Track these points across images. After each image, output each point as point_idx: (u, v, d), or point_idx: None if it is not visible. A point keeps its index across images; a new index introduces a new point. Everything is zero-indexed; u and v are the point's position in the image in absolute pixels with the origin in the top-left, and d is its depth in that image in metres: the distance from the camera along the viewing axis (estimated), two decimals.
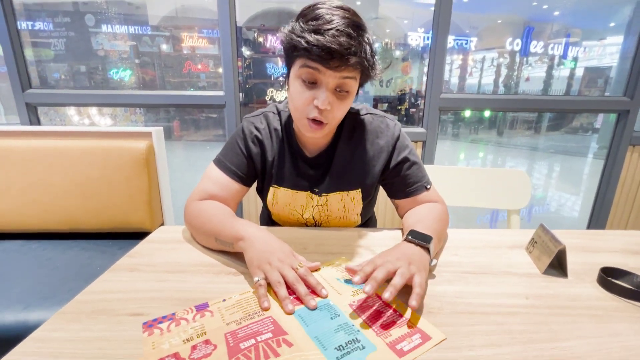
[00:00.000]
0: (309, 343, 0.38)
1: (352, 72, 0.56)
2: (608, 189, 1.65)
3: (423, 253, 0.51)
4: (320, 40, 0.52)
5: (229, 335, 0.40)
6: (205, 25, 2.79)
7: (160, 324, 0.41)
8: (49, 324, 0.41)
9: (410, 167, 0.70)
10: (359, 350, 0.38)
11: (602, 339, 0.40)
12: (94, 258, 1.02)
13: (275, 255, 0.51)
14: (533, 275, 0.55)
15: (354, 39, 0.53)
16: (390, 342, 0.39)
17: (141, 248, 0.62)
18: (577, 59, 3.29)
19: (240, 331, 0.40)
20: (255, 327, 0.41)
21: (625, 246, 0.66)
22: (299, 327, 0.41)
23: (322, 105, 0.56)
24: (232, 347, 0.38)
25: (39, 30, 2.12)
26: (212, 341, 0.39)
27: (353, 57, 0.54)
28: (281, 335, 0.40)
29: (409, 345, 0.39)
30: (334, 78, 0.56)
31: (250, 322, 0.42)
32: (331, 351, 0.37)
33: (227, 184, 0.68)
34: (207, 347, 0.38)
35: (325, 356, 0.37)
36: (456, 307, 0.46)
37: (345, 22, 0.53)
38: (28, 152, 1.08)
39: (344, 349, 0.38)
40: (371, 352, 0.38)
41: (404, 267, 0.45)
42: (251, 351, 0.37)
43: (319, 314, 0.44)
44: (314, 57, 0.53)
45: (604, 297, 0.49)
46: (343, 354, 0.37)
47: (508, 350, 0.38)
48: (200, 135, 3.91)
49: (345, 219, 0.75)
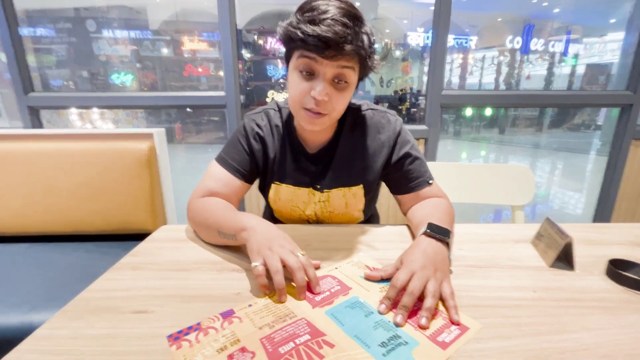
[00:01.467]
0: (350, 342, 0.37)
1: (349, 62, 0.56)
2: (612, 184, 1.64)
3: (444, 250, 0.50)
4: (315, 30, 0.52)
5: (264, 340, 0.37)
6: (205, 29, 2.80)
7: (187, 336, 0.38)
8: (51, 322, 0.41)
9: (413, 162, 0.69)
10: (402, 345, 0.37)
11: (612, 331, 0.40)
12: (98, 260, 1.02)
13: (277, 241, 0.49)
14: (540, 269, 0.54)
15: (350, 28, 0.53)
16: (431, 335, 0.39)
17: (143, 247, 0.61)
18: (578, 56, 3.27)
19: (275, 335, 0.38)
20: (290, 329, 0.39)
21: (633, 238, 0.65)
22: (335, 327, 0.40)
23: (319, 96, 0.56)
24: (271, 352, 0.35)
25: (40, 36, 2.14)
26: (248, 348, 0.36)
27: (349, 46, 0.53)
28: (320, 336, 0.38)
29: (449, 336, 0.38)
30: (331, 68, 0.56)
31: (283, 325, 0.40)
32: (375, 348, 0.36)
33: (229, 181, 0.68)
34: (244, 355, 0.35)
35: (371, 354, 0.35)
36: (463, 301, 0.45)
37: (341, 12, 0.53)
38: (31, 155, 1.08)
39: (387, 345, 0.36)
40: (415, 346, 0.37)
41: (432, 282, 0.44)
42: (293, 355, 0.35)
43: (352, 312, 0.42)
44: (310, 47, 0.53)
45: (613, 289, 0.49)
46: (388, 350, 0.36)
47: (516, 342, 0.38)
48: (201, 138, 3.92)
49: (347, 215, 0.74)
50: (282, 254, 0.47)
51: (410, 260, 0.47)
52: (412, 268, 0.45)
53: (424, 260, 0.47)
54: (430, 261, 0.47)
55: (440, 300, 0.44)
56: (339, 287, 0.48)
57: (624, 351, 0.36)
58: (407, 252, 0.50)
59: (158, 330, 0.39)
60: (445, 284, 0.45)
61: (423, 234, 0.52)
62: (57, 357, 0.36)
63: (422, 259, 0.47)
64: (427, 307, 0.41)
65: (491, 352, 0.36)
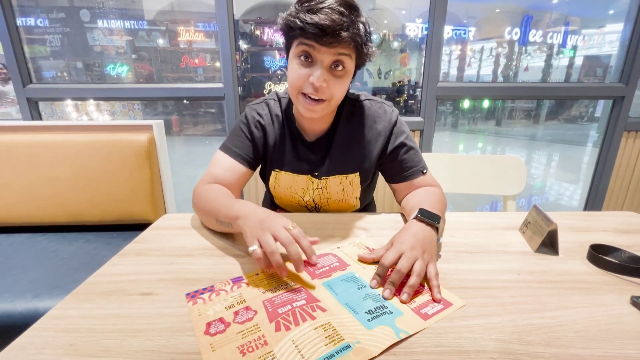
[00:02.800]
0: (341, 308, 0.42)
1: (346, 49, 0.58)
2: (603, 175, 1.67)
3: (433, 234, 0.53)
4: (313, 18, 0.54)
5: (266, 302, 0.43)
6: (201, 19, 2.77)
7: (202, 295, 0.45)
8: (63, 304, 0.43)
9: (407, 151, 0.72)
10: (387, 314, 0.41)
11: (589, 309, 0.43)
12: (99, 249, 1.04)
13: (267, 221, 0.50)
14: (526, 254, 0.57)
15: (347, 17, 0.56)
16: (415, 307, 0.42)
17: (147, 234, 0.64)
18: (577, 47, 3.27)
19: (276, 299, 0.44)
20: (289, 295, 0.44)
21: (616, 226, 0.68)
22: (329, 296, 0.44)
23: (317, 82, 0.58)
24: (270, 312, 0.41)
25: (33, 26, 2.11)
26: (251, 307, 0.42)
27: (345, 33, 0.55)
28: (314, 302, 0.43)
29: (432, 309, 0.42)
30: (328, 55, 0.58)
31: (284, 291, 0.45)
32: (362, 315, 0.40)
33: (233, 166, 0.71)
34: (248, 313, 0.41)
35: (357, 319, 0.40)
36: (451, 283, 0.48)
37: (338, 2, 0.56)
38: (31, 147, 1.09)
39: (373, 313, 0.41)
40: (398, 316, 0.41)
41: (419, 261, 0.47)
42: (289, 315, 0.40)
43: (346, 285, 0.47)
44: (309, 34, 0.56)
45: (593, 272, 0.52)
46: (373, 317, 0.40)
47: (499, 319, 0.40)
48: (199, 129, 3.91)
49: (344, 202, 0.77)
50: (274, 230, 0.47)
51: (400, 241, 0.51)
52: (401, 249, 0.49)
53: (413, 242, 0.50)
54: (419, 243, 0.50)
55: (426, 280, 0.47)
56: (338, 263, 0.53)
57: (598, 326, 0.39)
58: (397, 234, 0.53)
59: (163, 310, 0.42)
60: (431, 265, 0.48)
61: (414, 219, 0.55)
62: (70, 334, 0.38)
63: (411, 240, 0.50)
64: (410, 285, 0.45)
65: (476, 329, 0.39)
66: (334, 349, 0.34)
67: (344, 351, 0.34)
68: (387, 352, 0.35)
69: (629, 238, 0.63)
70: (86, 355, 0.35)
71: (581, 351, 0.35)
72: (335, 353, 0.34)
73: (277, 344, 0.36)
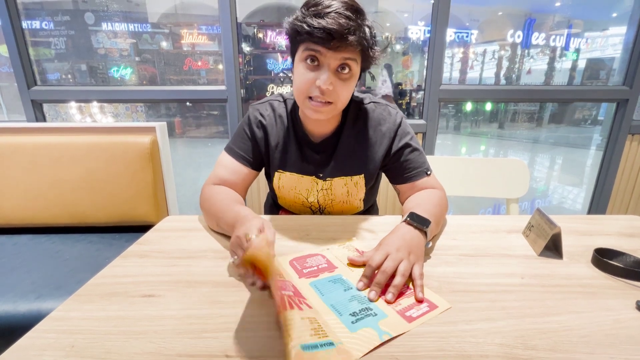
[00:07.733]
0: (326, 309, 0.42)
1: (352, 53, 0.59)
2: (607, 178, 1.66)
3: (421, 237, 0.54)
4: (320, 23, 0.55)
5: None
6: (204, 22, 2.78)
7: None
8: (65, 305, 0.44)
9: (411, 152, 0.72)
10: (371, 316, 0.41)
11: (594, 313, 0.42)
12: (102, 250, 1.04)
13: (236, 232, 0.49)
14: (529, 257, 0.57)
15: (353, 21, 0.56)
16: (400, 310, 0.42)
17: (150, 236, 0.64)
18: (579, 50, 3.26)
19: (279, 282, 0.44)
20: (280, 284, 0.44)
21: (620, 229, 0.68)
22: (315, 296, 0.45)
23: (324, 85, 0.59)
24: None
25: (39, 29, 2.13)
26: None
27: (352, 37, 0.56)
28: (301, 297, 0.43)
29: (417, 312, 0.42)
30: (335, 59, 0.58)
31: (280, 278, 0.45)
32: (346, 317, 0.41)
33: (237, 168, 0.72)
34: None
35: (342, 321, 0.40)
36: (454, 287, 0.48)
37: (344, 6, 0.56)
38: (35, 148, 1.10)
39: (357, 315, 0.41)
40: (383, 318, 0.41)
41: (404, 262, 0.48)
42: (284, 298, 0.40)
43: (333, 286, 0.47)
44: (316, 39, 0.56)
45: (598, 276, 0.51)
46: (357, 319, 0.40)
47: (503, 323, 0.40)
48: (201, 132, 3.92)
49: (348, 203, 0.77)
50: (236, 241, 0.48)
51: (386, 243, 0.51)
52: (388, 250, 0.49)
53: (400, 243, 0.50)
54: (406, 245, 0.50)
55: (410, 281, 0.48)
56: (326, 265, 0.53)
57: (603, 331, 0.39)
58: (386, 237, 0.54)
59: (165, 312, 0.42)
60: (416, 266, 0.49)
61: (403, 222, 0.56)
62: (72, 335, 0.38)
63: (398, 242, 0.51)
64: (395, 285, 0.45)
65: (479, 333, 0.39)
66: (319, 341, 0.35)
67: (328, 346, 0.35)
68: (389, 355, 0.35)
69: (634, 242, 0.62)
70: (88, 357, 0.35)
71: (586, 356, 0.35)
72: (319, 345, 0.34)
73: None
